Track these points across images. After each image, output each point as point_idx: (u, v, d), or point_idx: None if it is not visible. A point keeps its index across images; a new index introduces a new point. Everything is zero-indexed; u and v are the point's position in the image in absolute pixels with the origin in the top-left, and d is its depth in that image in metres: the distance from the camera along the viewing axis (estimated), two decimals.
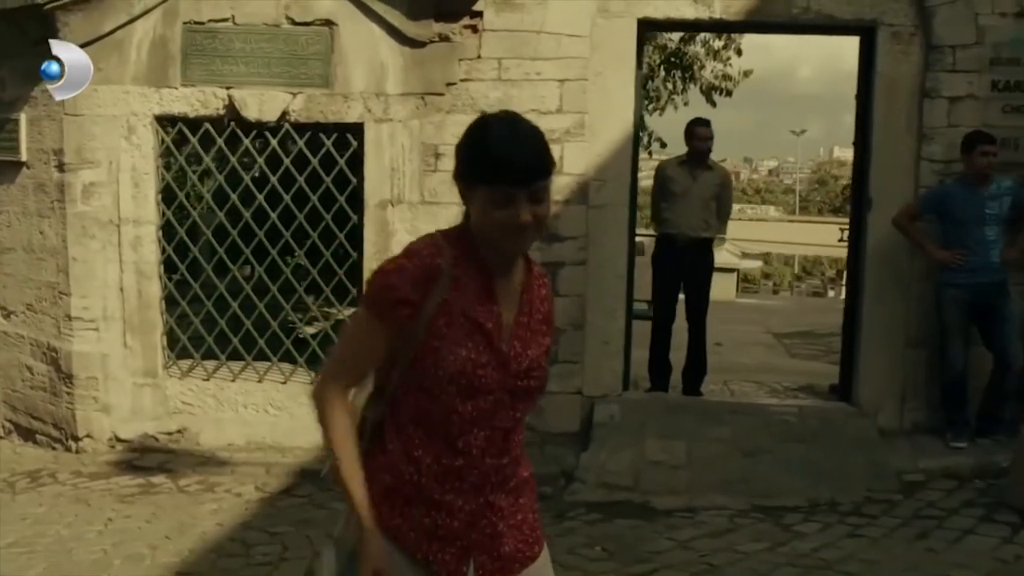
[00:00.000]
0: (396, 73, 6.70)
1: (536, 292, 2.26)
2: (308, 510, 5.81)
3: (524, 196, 2.03)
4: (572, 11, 6.59)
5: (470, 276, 2.14)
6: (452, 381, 2.10)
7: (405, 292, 2.09)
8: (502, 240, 2.09)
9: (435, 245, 2.14)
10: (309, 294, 7.26)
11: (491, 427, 2.15)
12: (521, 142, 2.09)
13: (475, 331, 2.13)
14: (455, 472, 2.14)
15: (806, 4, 6.60)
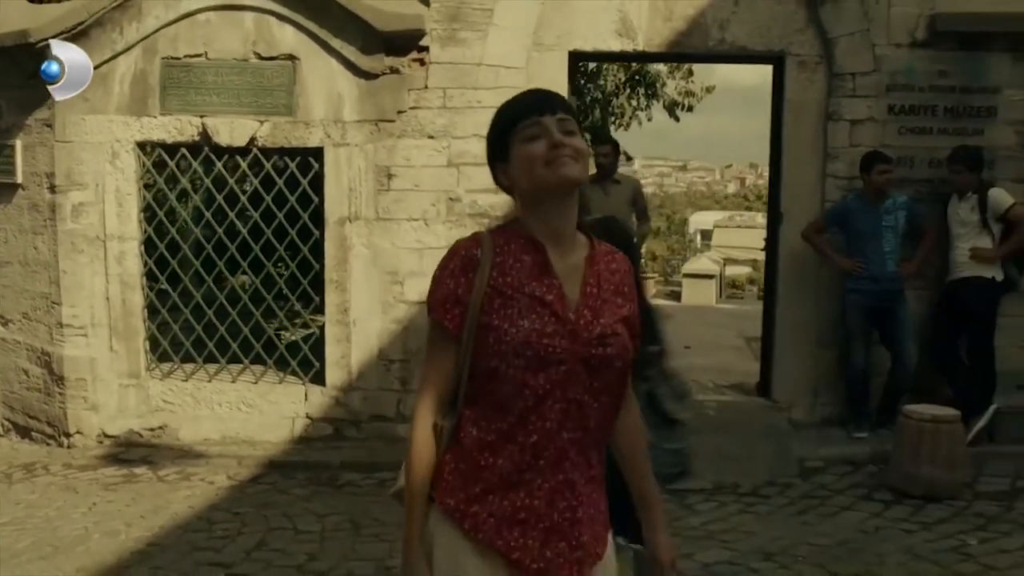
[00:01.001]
0: (352, 102, 7.38)
1: (604, 265, 2.24)
2: (271, 495, 6.48)
3: (553, 124, 2.10)
4: (509, 45, 7.27)
5: (518, 257, 2.15)
6: (518, 353, 2.08)
7: (449, 288, 2.13)
8: (547, 173, 2.09)
9: (474, 239, 2.18)
10: (278, 301, 7.96)
11: (566, 399, 2.11)
12: (535, 89, 2.32)
13: (535, 304, 2.11)
14: (531, 449, 2.10)
15: (721, 36, 7.28)
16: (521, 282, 2.13)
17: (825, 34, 7.16)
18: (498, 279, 2.12)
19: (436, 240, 7.35)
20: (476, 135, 7.24)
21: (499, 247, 2.15)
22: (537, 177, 2.09)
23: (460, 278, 2.12)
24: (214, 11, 7.41)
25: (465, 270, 2.12)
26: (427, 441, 2.16)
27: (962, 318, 6.91)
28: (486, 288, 2.11)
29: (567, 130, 2.11)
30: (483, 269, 2.11)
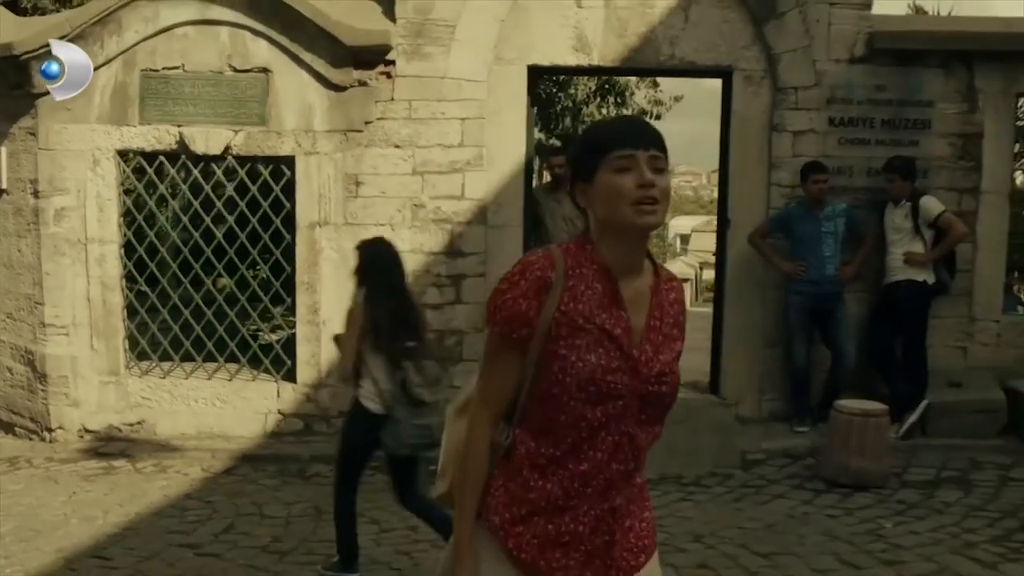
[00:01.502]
0: (322, 113, 7.77)
1: (664, 296, 2.24)
2: (242, 485, 6.85)
3: (645, 160, 2.08)
4: (471, 59, 7.66)
5: (589, 283, 2.14)
6: (581, 388, 2.08)
7: (518, 308, 2.11)
8: (631, 214, 2.08)
9: (548, 257, 2.15)
10: (253, 303, 8.33)
11: (619, 432, 2.13)
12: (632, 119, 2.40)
13: (604, 337, 2.11)
14: (581, 477, 2.13)
15: (671, 52, 7.69)
16: (592, 312, 2.12)
17: (769, 50, 7.57)
18: (569, 305, 2.11)
19: (402, 244, 7.64)
20: (440, 144, 7.66)
21: (571, 269, 2.13)
22: (619, 215, 2.08)
23: (533, 300, 2.11)
24: (191, 25, 7.79)
25: (538, 292, 2.10)
26: (483, 454, 2.20)
27: (897, 319, 7.31)
28: (556, 313, 2.10)
29: (657, 168, 2.09)
30: (555, 293, 2.10)
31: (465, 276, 7.79)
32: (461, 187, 7.72)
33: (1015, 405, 7.19)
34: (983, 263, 7.64)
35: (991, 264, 7.66)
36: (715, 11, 7.61)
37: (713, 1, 7.61)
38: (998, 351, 7.70)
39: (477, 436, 2.20)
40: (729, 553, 5.25)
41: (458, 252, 7.76)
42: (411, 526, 5.66)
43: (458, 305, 7.82)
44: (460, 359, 7.82)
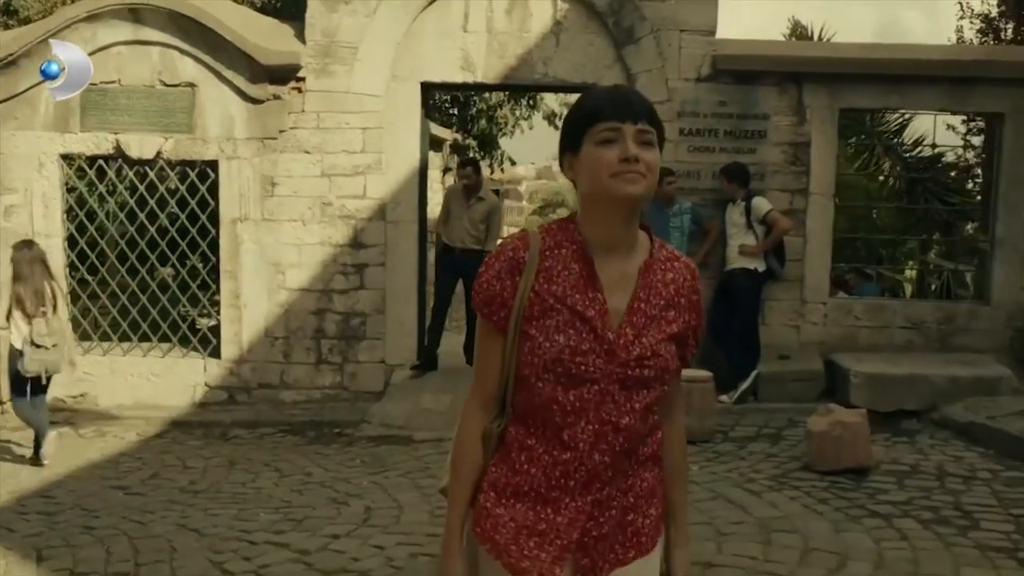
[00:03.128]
0: (242, 123, 8.88)
1: (659, 275, 2.13)
2: (170, 445, 7.93)
3: (632, 134, 1.99)
4: (371, 76, 8.81)
5: (566, 264, 2.08)
6: (548, 369, 2.03)
7: (493, 290, 2.09)
8: (612, 185, 1.99)
9: (524, 238, 2.12)
10: (185, 289, 9.44)
11: (599, 420, 2.04)
12: (624, 89, 2.12)
13: (575, 318, 2.04)
14: (563, 465, 2.06)
15: (545, 71, 8.89)
16: (565, 292, 2.06)
17: (628, 70, 8.78)
18: (543, 285, 2.07)
19: (312, 237, 8.90)
20: (344, 151, 8.82)
21: (548, 249, 2.09)
22: (601, 186, 2.00)
23: (506, 280, 2.08)
24: (125, 45, 8.86)
25: (512, 272, 2.08)
26: (474, 442, 2.15)
27: (733, 301, 8.56)
28: (529, 294, 2.06)
29: (645, 141, 2.01)
30: (528, 273, 2.07)
31: (367, 265, 8.96)
32: (363, 188, 8.88)
33: (832, 374, 8.47)
34: (812, 254, 8.91)
35: (818, 255, 8.93)
36: (582, 36, 8.82)
37: (580, 28, 8.81)
38: (825, 329, 8.98)
39: (467, 422, 2.16)
40: None
41: (361, 244, 8.92)
42: (306, 471, 6.85)
43: (361, 291, 8.99)
44: (364, 337, 9.02)
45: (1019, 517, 5.57)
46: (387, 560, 4.98)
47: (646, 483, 2.16)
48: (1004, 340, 8.86)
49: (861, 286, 13.00)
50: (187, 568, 4.91)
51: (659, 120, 2.09)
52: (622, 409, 2.06)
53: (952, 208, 12.32)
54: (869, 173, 13.34)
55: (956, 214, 12.45)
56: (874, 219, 13.99)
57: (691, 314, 2.17)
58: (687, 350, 2.20)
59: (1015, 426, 7.22)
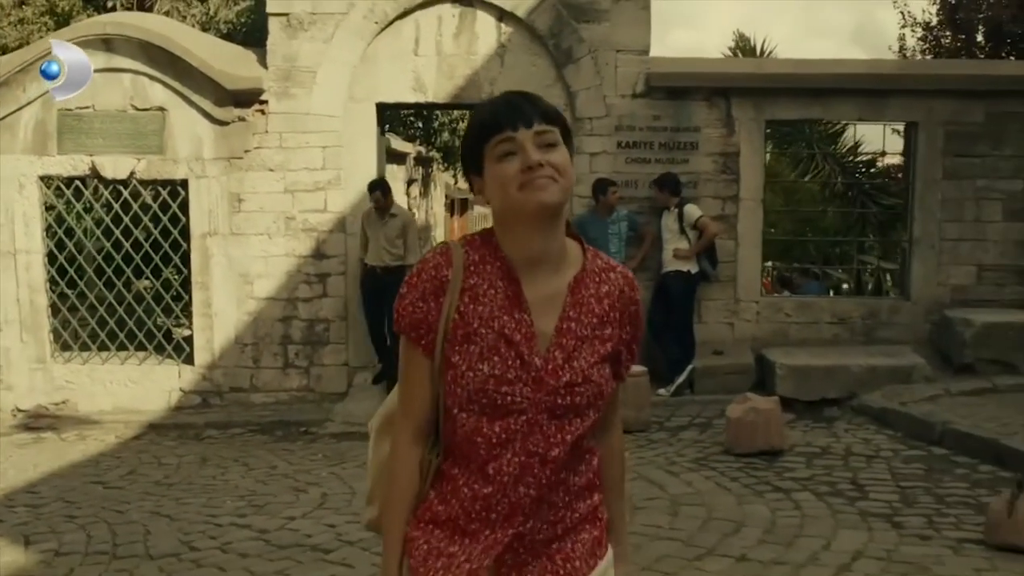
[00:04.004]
0: (209, 143, 9.50)
1: (592, 289, 1.97)
2: (147, 446, 8.52)
3: (529, 139, 1.84)
4: (329, 98, 9.44)
5: (492, 282, 1.92)
6: (472, 400, 1.88)
7: (418, 313, 1.93)
8: (523, 202, 1.84)
9: (444, 254, 1.94)
10: (160, 301, 10.05)
11: (526, 452, 1.89)
12: (512, 95, 1.95)
13: (500, 343, 1.89)
14: (483, 500, 1.91)
15: (491, 90, 9.51)
16: (492, 314, 1.90)
17: (569, 88, 9.44)
18: (469, 306, 1.91)
19: (277, 249, 9.53)
20: (306, 168, 9.45)
21: (473, 266, 1.93)
22: (511, 201, 1.86)
23: (430, 302, 1.92)
24: (99, 72, 9.36)
25: (436, 293, 1.92)
26: (408, 473, 1.99)
27: (669, 301, 9.23)
28: (454, 315, 1.90)
29: (546, 143, 1.86)
30: (452, 292, 1.91)
31: (329, 275, 9.58)
32: (324, 202, 9.52)
33: (762, 367, 9.14)
34: (743, 256, 9.59)
35: (750, 256, 9.61)
36: (525, 57, 9.48)
37: (523, 49, 9.47)
38: (758, 326, 9.66)
39: (401, 453, 1.99)
40: None
41: (323, 255, 9.55)
42: (272, 465, 7.48)
43: (324, 298, 9.62)
44: (328, 342, 9.65)
45: (905, 488, 6.25)
46: (336, 535, 5.63)
47: (578, 514, 1.99)
48: (923, 332, 9.55)
49: (806, 285, 13.73)
50: (159, 547, 5.53)
51: (558, 116, 1.92)
52: (551, 440, 1.90)
53: (887, 210, 13.05)
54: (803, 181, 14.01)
55: (891, 216, 13.17)
56: (819, 222, 14.68)
57: (627, 327, 2.02)
58: (621, 366, 2.04)
59: (921, 409, 7.92)
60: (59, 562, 5.36)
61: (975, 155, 9.56)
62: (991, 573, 4.73)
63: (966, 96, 9.50)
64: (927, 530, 5.42)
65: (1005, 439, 6.91)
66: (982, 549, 5.07)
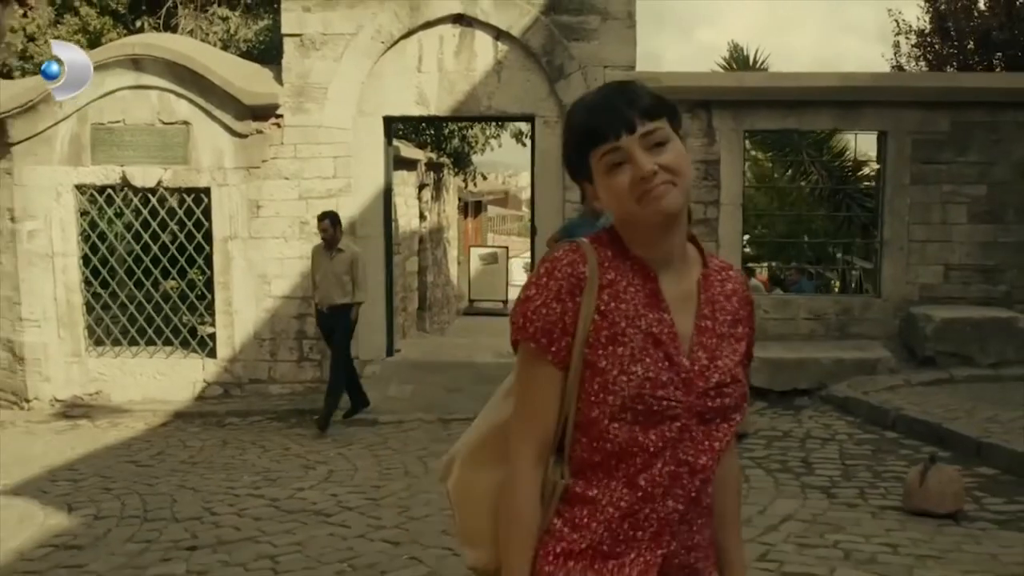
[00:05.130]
0: (230, 154, 10.32)
1: (718, 288, 1.83)
2: (173, 432, 9.35)
3: (636, 144, 1.67)
4: (340, 112, 10.24)
5: (631, 279, 1.74)
6: (627, 408, 1.68)
7: (552, 315, 1.71)
8: (643, 214, 1.69)
9: (576, 250, 1.75)
10: (185, 299, 10.88)
11: (676, 461, 1.72)
12: (610, 91, 1.77)
13: (648, 343, 1.71)
14: (632, 517, 1.72)
15: (489, 103, 10.30)
16: (637, 311, 1.73)
17: (560, 102, 10.18)
18: (610, 304, 1.72)
19: (292, 252, 10.33)
20: (318, 177, 10.25)
21: (607, 261, 1.75)
22: (629, 213, 1.72)
23: (567, 302, 1.71)
24: (129, 90, 10.30)
25: (572, 292, 1.71)
26: (534, 502, 1.77)
27: None
28: (595, 316, 1.71)
29: (656, 143, 1.69)
30: (591, 290, 1.71)
31: None
32: (336, 208, 10.28)
33: None
34: (724, 256, 10.24)
35: (730, 256, 10.25)
36: (520, 73, 10.24)
37: (518, 66, 10.23)
38: None
39: (524, 479, 1.78)
40: None
41: None
42: (285, 447, 8.28)
43: None
44: None
45: (849, 466, 6.98)
46: (338, 503, 6.43)
47: (706, 540, 1.84)
48: (893, 328, 10.24)
49: (800, 283, 14.45)
50: (184, 512, 6.35)
51: (663, 105, 1.74)
52: (700, 447, 1.75)
53: (868, 212, 13.71)
54: (794, 185, 14.67)
55: (872, 218, 13.81)
56: (810, 223, 15.37)
57: (751, 328, 1.90)
58: (747, 371, 1.88)
59: (880, 398, 8.63)
60: (98, 524, 6.19)
61: (941, 162, 10.24)
62: (899, 533, 5.45)
63: (933, 107, 10.19)
64: (856, 499, 6.16)
65: (947, 423, 7.62)
66: (898, 514, 5.81)
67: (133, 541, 5.81)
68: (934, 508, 5.68)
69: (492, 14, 10.11)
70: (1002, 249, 10.31)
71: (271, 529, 5.91)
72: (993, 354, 9.46)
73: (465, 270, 21.23)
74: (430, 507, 6.24)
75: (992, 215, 10.30)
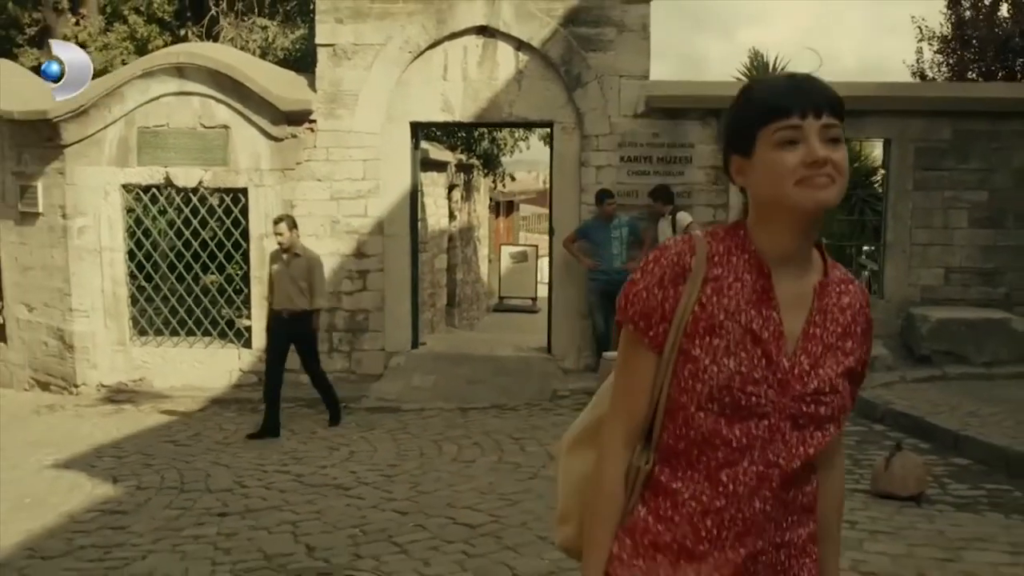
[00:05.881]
0: (266, 157, 10.98)
1: (835, 298, 1.83)
2: (210, 416, 10.01)
3: (815, 130, 1.69)
4: (369, 118, 10.87)
5: (739, 275, 1.78)
6: (713, 398, 1.73)
7: (652, 300, 1.78)
8: (796, 194, 1.69)
9: (689, 242, 1.81)
10: (223, 293, 11.56)
11: (765, 462, 1.74)
12: (801, 77, 1.78)
13: (747, 339, 1.75)
14: (715, 515, 1.75)
15: (510, 111, 10.89)
16: (738, 307, 1.76)
17: (578, 109, 10.75)
18: (712, 298, 1.76)
19: (324, 249, 10.92)
20: (349, 178, 10.88)
21: (717, 256, 1.79)
22: (784, 195, 1.70)
23: (669, 289, 1.77)
24: (173, 96, 10.98)
25: (675, 280, 1.77)
26: (618, 483, 1.84)
27: None
28: (695, 306, 1.76)
29: (831, 138, 1.70)
30: (694, 281, 1.76)
31: (369, 271, 11.01)
32: (365, 208, 10.95)
33: None
34: None
35: None
36: (540, 82, 10.81)
37: (538, 75, 10.80)
38: None
39: (609, 460, 1.84)
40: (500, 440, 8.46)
41: (363, 254, 10.98)
42: (312, 431, 8.92)
43: (364, 292, 11.05)
44: (367, 330, 11.07)
45: None
46: (357, 478, 7.06)
47: (801, 539, 1.85)
48: (895, 328, 10.70)
49: None
50: (216, 484, 7.01)
51: (844, 110, 1.77)
52: (792, 451, 1.77)
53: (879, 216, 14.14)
54: None
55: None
56: (830, 226, 15.77)
57: (864, 346, 1.89)
58: (856, 388, 1.89)
59: (873, 393, 9.09)
60: (139, 493, 6.86)
61: (943, 168, 10.69)
62: (861, 512, 5.96)
63: (935, 116, 10.65)
64: None
65: (930, 417, 8.11)
66: (865, 496, 6.32)
67: (170, 508, 6.47)
68: (898, 491, 6.19)
69: (514, 26, 10.68)
70: (1002, 253, 10.74)
71: (294, 500, 6.54)
72: (987, 353, 9.90)
73: (496, 268, 21.84)
74: (439, 483, 6.86)
75: (992, 220, 10.73)
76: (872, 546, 5.33)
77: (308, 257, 9.18)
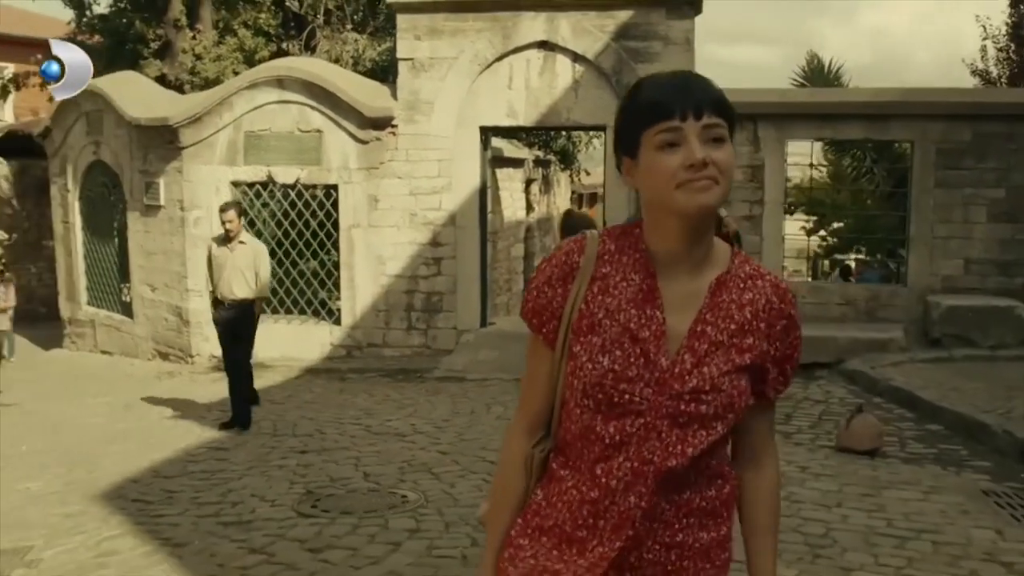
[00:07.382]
0: (354, 157, 12.52)
1: (734, 295, 1.82)
2: (303, 382, 11.59)
3: (695, 132, 1.69)
4: (444, 123, 12.31)
5: (626, 274, 1.81)
6: (588, 395, 1.77)
7: (544, 298, 1.86)
8: (677, 197, 1.69)
9: (580, 241, 1.86)
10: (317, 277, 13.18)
11: (640, 459, 1.76)
12: (684, 76, 1.81)
13: (624, 337, 1.77)
14: (591, 505, 1.80)
15: (568, 116, 12.21)
16: (620, 305, 1.79)
17: None
18: (597, 297, 1.81)
19: (404, 238, 12.49)
20: (426, 176, 12.36)
21: (607, 255, 1.83)
22: (665, 199, 1.72)
23: (557, 288, 1.84)
24: (275, 104, 12.60)
25: (564, 279, 1.84)
26: (515, 466, 1.93)
27: None
28: (580, 304, 1.81)
29: (713, 138, 1.71)
30: (581, 280, 1.82)
31: (443, 258, 12.48)
32: (439, 202, 12.41)
33: None
34: (767, 249, 11.91)
35: (772, 250, 11.90)
36: (594, 90, 12.12)
37: (593, 84, 12.11)
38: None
39: (509, 446, 1.95)
40: None
41: (438, 243, 12.46)
42: (387, 395, 10.46)
43: (439, 276, 12.53)
44: (441, 310, 12.55)
45: (822, 420, 8.61)
46: (413, 428, 8.56)
47: (701, 543, 1.82)
48: (917, 314, 11.73)
49: (865, 273, 15.91)
50: (301, 430, 8.60)
51: (728, 107, 1.75)
52: (669, 450, 1.75)
53: None
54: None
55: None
56: (876, 220, 16.72)
57: (775, 343, 1.86)
58: (767, 385, 1.88)
59: (881, 372, 10.17)
60: (239, 437, 8.49)
61: (963, 168, 11.67)
62: (818, 461, 7.14)
63: (955, 119, 11.63)
64: (805, 441, 7.86)
65: (918, 391, 9.16)
66: (829, 451, 7.50)
67: (262, 447, 8.05)
68: (855, 446, 7.37)
69: (570, 40, 12.01)
70: (1019, 246, 11.67)
71: (360, 443, 8.07)
72: (993, 337, 10.88)
73: None
74: (481, 434, 8.28)
75: (1009, 215, 11.67)
76: (812, 484, 6.54)
77: (253, 246, 9.10)
